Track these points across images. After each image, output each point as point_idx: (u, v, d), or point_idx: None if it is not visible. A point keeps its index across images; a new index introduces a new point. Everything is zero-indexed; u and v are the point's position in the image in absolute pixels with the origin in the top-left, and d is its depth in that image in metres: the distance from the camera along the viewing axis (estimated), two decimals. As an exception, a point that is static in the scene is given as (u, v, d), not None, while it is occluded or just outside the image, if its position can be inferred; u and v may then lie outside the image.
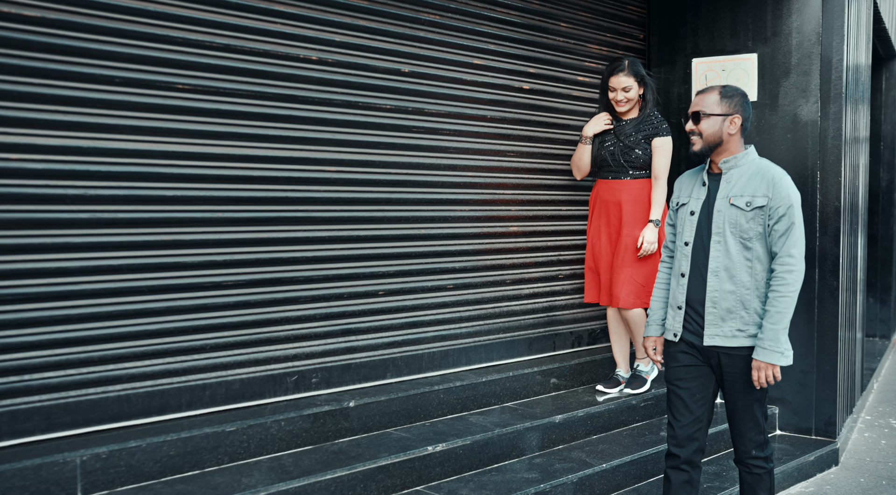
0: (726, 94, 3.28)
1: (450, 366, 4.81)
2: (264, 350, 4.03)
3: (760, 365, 3.17)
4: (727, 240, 3.24)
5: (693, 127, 3.28)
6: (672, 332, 3.42)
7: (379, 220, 4.45)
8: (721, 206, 3.26)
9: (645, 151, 4.78)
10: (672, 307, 3.42)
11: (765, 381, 3.17)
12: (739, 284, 3.23)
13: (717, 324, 3.27)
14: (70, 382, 3.44)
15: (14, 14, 3.20)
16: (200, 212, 3.76)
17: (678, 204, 3.46)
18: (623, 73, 4.80)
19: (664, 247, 3.60)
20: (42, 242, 3.33)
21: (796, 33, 5.33)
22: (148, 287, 3.63)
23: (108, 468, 3.30)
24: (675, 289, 3.41)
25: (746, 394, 3.30)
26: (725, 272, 3.24)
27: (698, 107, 3.29)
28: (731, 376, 3.30)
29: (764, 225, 3.19)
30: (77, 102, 3.38)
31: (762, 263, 3.23)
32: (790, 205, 3.17)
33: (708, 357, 3.34)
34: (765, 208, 3.18)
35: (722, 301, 3.25)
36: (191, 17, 3.68)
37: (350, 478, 3.61)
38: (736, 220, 3.22)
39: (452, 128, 4.77)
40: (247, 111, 3.89)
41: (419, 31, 4.57)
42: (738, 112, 3.27)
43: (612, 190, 4.87)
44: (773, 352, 3.15)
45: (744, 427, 3.35)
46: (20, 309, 3.29)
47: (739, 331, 3.24)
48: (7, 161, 3.22)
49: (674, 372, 3.43)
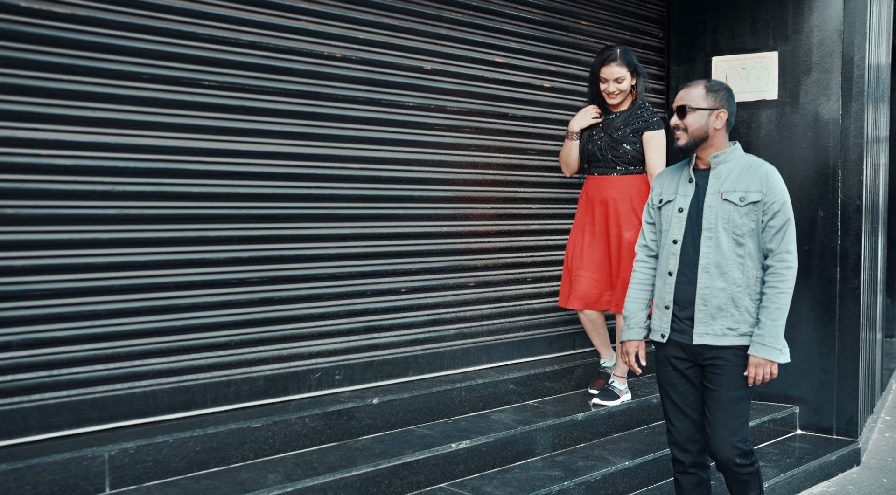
0: (712, 88, 3.21)
1: (471, 363, 4.81)
2: (288, 347, 4.04)
3: (759, 361, 3.11)
4: (719, 236, 3.17)
5: (678, 121, 3.21)
6: (659, 333, 3.33)
7: (401, 217, 4.46)
8: (712, 202, 3.19)
9: (634, 146, 4.47)
10: (658, 307, 3.33)
11: (761, 379, 3.12)
12: (731, 281, 3.16)
13: (707, 323, 3.19)
14: (97, 378, 3.45)
15: (44, 11, 3.22)
16: (225, 208, 3.77)
17: (662, 201, 3.35)
18: (615, 63, 4.44)
19: (641, 246, 3.47)
20: (70, 238, 3.35)
21: (817, 31, 5.31)
22: (174, 283, 3.64)
23: (136, 463, 3.31)
24: (661, 288, 3.32)
25: (731, 389, 3.19)
26: (717, 268, 3.17)
27: (683, 101, 3.22)
28: (717, 369, 3.21)
29: (758, 221, 3.14)
30: (105, 99, 3.39)
31: (753, 260, 3.17)
32: (784, 200, 3.13)
33: (696, 354, 3.25)
34: (759, 204, 3.13)
35: (713, 298, 3.18)
36: (216, 13, 3.69)
37: (375, 475, 3.61)
38: (729, 216, 3.15)
39: (474, 125, 4.77)
40: (271, 108, 3.90)
41: (441, 29, 4.57)
42: (724, 106, 3.21)
43: (600, 187, 4.55)
44: (772, 349, 3.09)
45: (725, 426, 3.20)
46: (49, 304, 3.30)
47: (730, 330, 3.17)
48: (38, 157, 3.23)
49: (665, 377, 3.35)
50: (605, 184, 4.55)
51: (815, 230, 5.31)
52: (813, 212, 5.32)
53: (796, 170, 5.37)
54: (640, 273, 3.45)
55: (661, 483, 4.32)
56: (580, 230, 4.63)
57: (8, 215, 3.18)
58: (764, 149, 5.48)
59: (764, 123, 5.51)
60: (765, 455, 4.90)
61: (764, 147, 5.49)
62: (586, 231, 4.59)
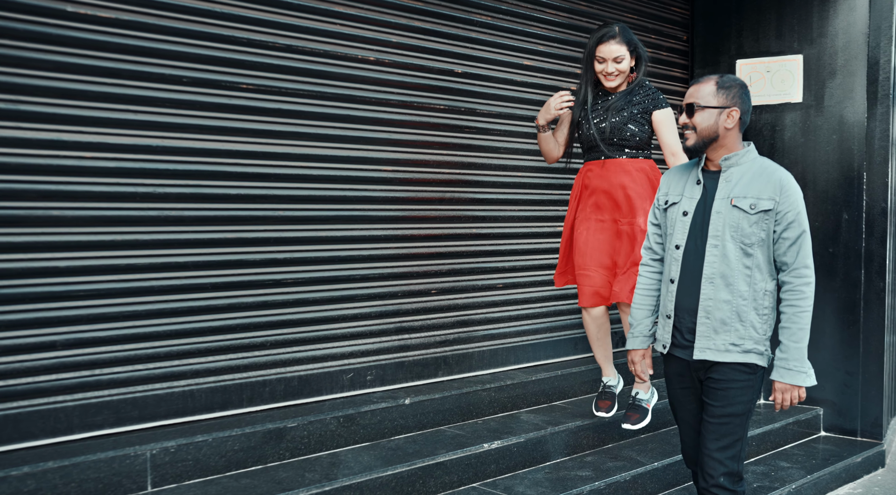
0: (723, 84, 2.95)
1: (499, 364, 4.85)
2: (322, 347, 4.08)
3: (786, 387, 2.91)
4: (726, 244, 2.92)
5: (687, 120, 2.97)
6: (661, 343, 3.12)
7: (432, 219, 4.49)
8: (721, 207, 2.94)
9: (641, 127, 4.07)
10: (661, 316, 3.11)
11: (788, 404, 2.92)
12: (736, 294, 2.92)
13: (710, 337, 2.95)
14: (137, 377, 3.50)
15: (90, 16, 3.26)
16: (262, 210, 3.82)
17: (667, 202, 3.12)
18: (614, 41, 4.03)
19: (645, 248, 3.25)
20: (113, 239, 3.39)
21: (843, 34, 5.33)
22: (212, 284, 3.68)
23: (177, 461, 3.35)
24: (664, 295, 3.10)
25: (728, 405, 2.96)
26: (721, 279, 2.93)
27: (692, 98, 2.97)
28: (715, 383, 2.98)
29: (768, 230, 2.89)
30: (147, 102, 3.44)
31: (762, 272, 2.93)
32: (799, 210, 2.89)
33: (696, 370, 3.04)
34: (770, 212, 2.88)
35: (716, 311, 2.93)
36: (254, 17, 3.74)
37: (409, 474, 3.65)
38: (737, 224, 2.91)
39: (503, 128, 4.81)
40: (307, 111, 3.94)
41: (471, 33, 4.61)
42: (737, 104, 2.94)
43: (607, 172, 4.11)
44: (798, 373, 2.88)
45: (717, 443, 2.97)
46: (92, 304, 3.35)
47: (733, 346, 2.93)
48: (82, 159, 3.28)
49: (673, 393, 3.17)
50: (612, 169, 4.10)
51: (840, 232, 5.33)
52: (837, 214, 5.34)
53: (820, 173, 5.39)
54: (646, 277, 3.23)
55: (689, 483, 4.35)
56: (583, 221, 4.17)
57: (54, 217, 3.23)
58: (788, 152, 5.51)
59: (788, 126, 5.53)
60: (790, 456, 4.92)
61: (788, 150, 5.51)
62: (591, 221, 4.14)
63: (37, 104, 3.16)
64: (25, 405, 3.21)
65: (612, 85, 4.11)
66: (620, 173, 4.09)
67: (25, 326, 3.20)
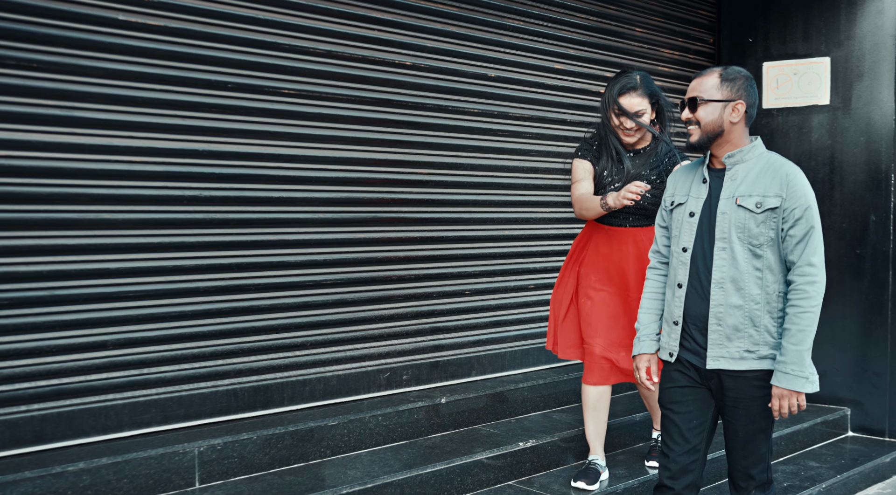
0: (728, 76, 2.79)
1: (530, 364, 4.91)
2: (359, 347, 4.16)
3: (783, 393, 2.69)
4: (734, 246, 2.75)
5: (690, 115, 2.80)
6: (668, 351, 2.93)
7: (466, 222, 4.57)
8: (726, 208, 2.78)
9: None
10: (667, 322, 2.94)
11: (787, 411, 2.70)
12: (748, 298, 2.75)
13: (723, 344, 2.78)
14: (183, 376, 3.58)
15: (139, 24, 3.35)
16: (303, 212, 3.90)
17: (673, 203, 2.95)
18: (635, 93, 3.59)
19: (654, 251, 3.09)
20: (161, 242, 3.48)
21: (870, 36, 5.36)
22: (255, 285, 3.77)
23: (223, 459, 3.43)
24: (670, 301, 2.92)
25: (750, 423, 2.82)
26: (732, 284, 2.76)
27: (695, 92, 2.80)
28: (732, 401, 2.82)
29: (777, 229, 2.73)
30: (192, 107, 3.53)
31: (774, 274, 2.75)
32: (807, 206, 2.70)
33: (707, 378, 2.86)
34: (778, 210, 2.71)
35: (728, 317, 2.77)
36: (296, 24, 3.81)
37: (448, 472, 3.71)
38: (744, 224, 2.74)
39: (535, 131, 4.87)
40: (346, 115, 4.02)
41: (504, 37, 4.67)
42: (742, 97, 2.78)
43: (623, 239, 3.74)
44: (797, 378, 2.67)
45: (745, 461, 2.86)
46: (140, 305, 3.44)
47: (748, 353, 2.77)
48: (132, 164, 3.37)
49: (668, 394, 2.94)
50: (629, 236, 3.75)
51: (867, 234, 5.37)
52: (865, 216, 5.37)
53: (848, 175, 5.42)
54: (653, 281, 3.07)
55: (719, 482, 4.40)
56: (587, 287, 3.78)
57: (105, 220, 3.31)
58: (815, 154, 5.55)
59: (815, 128, 5.57)
60: (818, 456, 4.96)
61: (815, 151, 5.55)
62: (598, 290, 3.76)
63: (89, 110, 3.25)
64: (78, 403, 3.30)
65: (630, 140, 3.68)
66: (641, 241, 3.74)
67: (78, 326, 3.29)
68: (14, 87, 3.08)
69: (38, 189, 3.16)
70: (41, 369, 3.21)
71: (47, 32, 3.13)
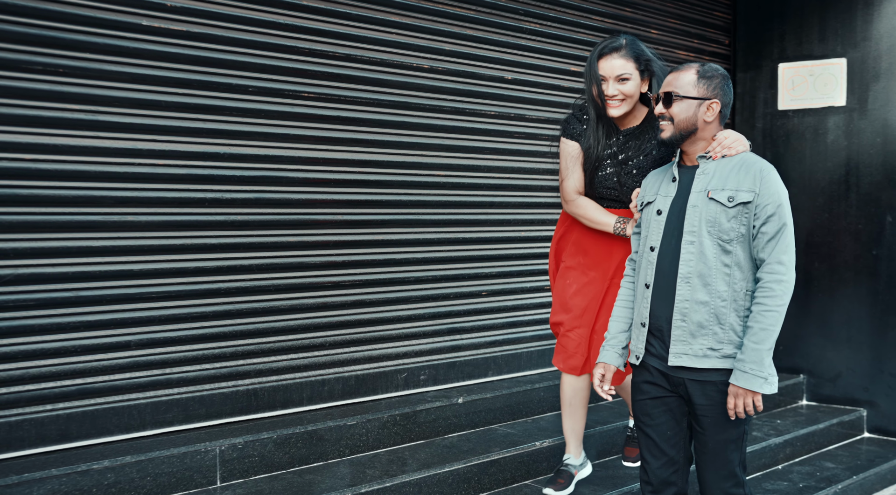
0: (705, 74, 2.75)
1: (546, 365, 4.94)
2: (377, 347, 4.20)
3: (738, 391, 2.61)
4: (703, 241, 2.69)
5: (663, 110, 2.76)
6: (634, 354, 2.86)
7: (483, 223, 4.60)
8: (697, 201, 2.71)
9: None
10: (635, 325, 2.87)
11: (742, 411, 2.62)
12: (714, 294, 2.68)
13: (686, 341, 2.70)
14: (205, 376, 3.63)
15: (163, 29, 3.40)
16: (323, 214, 3.94)
17: (643, 203, 2.91)
18: (617, 54, 3.21)
19: (629, 260, 3.01)
20: (182, 243, 3.53)
21: (887, 37, 5.37)
22: (275, 286, 3.81)
23: (244, 457, 3.48)
24: (638, 303, 2.85)
25: (719, 432, 2.72)
26: (699, 279, 2.69)
27: (670, 87, 2.76)
28: (700, 408, 2.72)
29: (749, 225, 2.66)
30: (215, 110, 3.58)
31: (742, 271, 2.68)
32: (780, 203, 2.65)
33: (675, 385, 2.76)
34: (750, 205, 2.65)
35: (693, 313, 2.69)
36: (315, 28, 3.86)
37: (465, 471, 3.75)
38: (715, 218, 2.68)
39: (551, 133, 4.90)
40: (365, 118, 4.06)
41: (521, 40, 4.71)
42: (718, 96, 2.74)
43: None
44: (755, 377, 2.58)
45: (714, 475, 2.75)
46: (163, 306, 3.49)
47: (711, 350, 2.68)
48: (155, 166, 3.42)
49: (639, 406, 2.86)
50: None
51: (884, 235, 5.37)
52: (881, 217, 5.37)
53: (864, 176, 5.42)
54: (626, 288, 3.00)
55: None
56: (571, 269, 3.51)
57: (129, 222, 3.37)
58: (831, 155, 5.55)
59: (831, 129, 5.57)
60: (834, 457, 4.97)
61: (831, 153, 5.55)
62: (580, 273, 3.49)
63: (114, 114, 3.31)
64: (102, 402, 3.36)
65: (615, 113, 3.25)
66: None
67: (102, 327, 3.34)
68: (41, 92, 3.14)
69: (64, 192, 3.21)
70: (66, 369, 3.27)
71: (73, 38, 3.19)
